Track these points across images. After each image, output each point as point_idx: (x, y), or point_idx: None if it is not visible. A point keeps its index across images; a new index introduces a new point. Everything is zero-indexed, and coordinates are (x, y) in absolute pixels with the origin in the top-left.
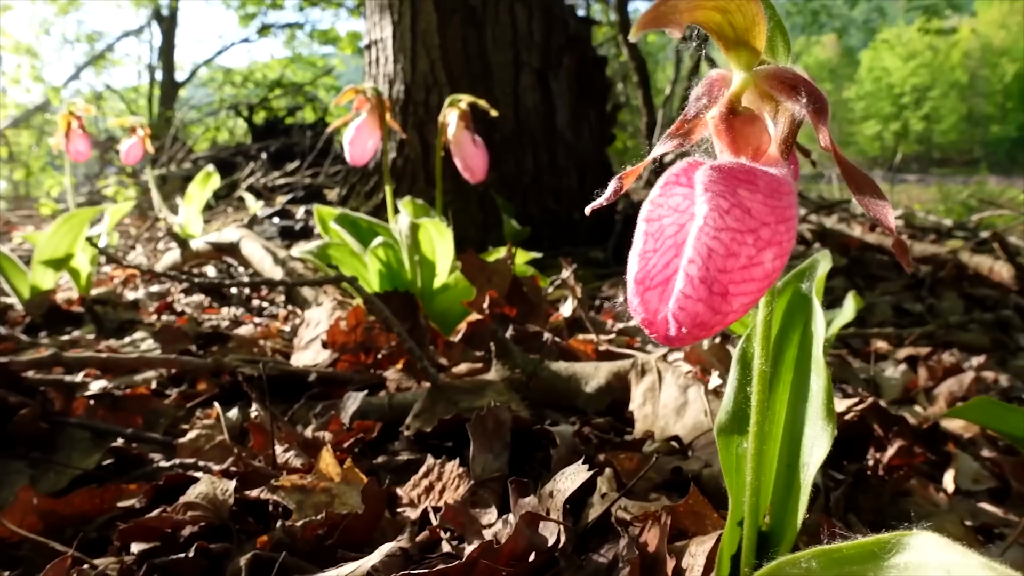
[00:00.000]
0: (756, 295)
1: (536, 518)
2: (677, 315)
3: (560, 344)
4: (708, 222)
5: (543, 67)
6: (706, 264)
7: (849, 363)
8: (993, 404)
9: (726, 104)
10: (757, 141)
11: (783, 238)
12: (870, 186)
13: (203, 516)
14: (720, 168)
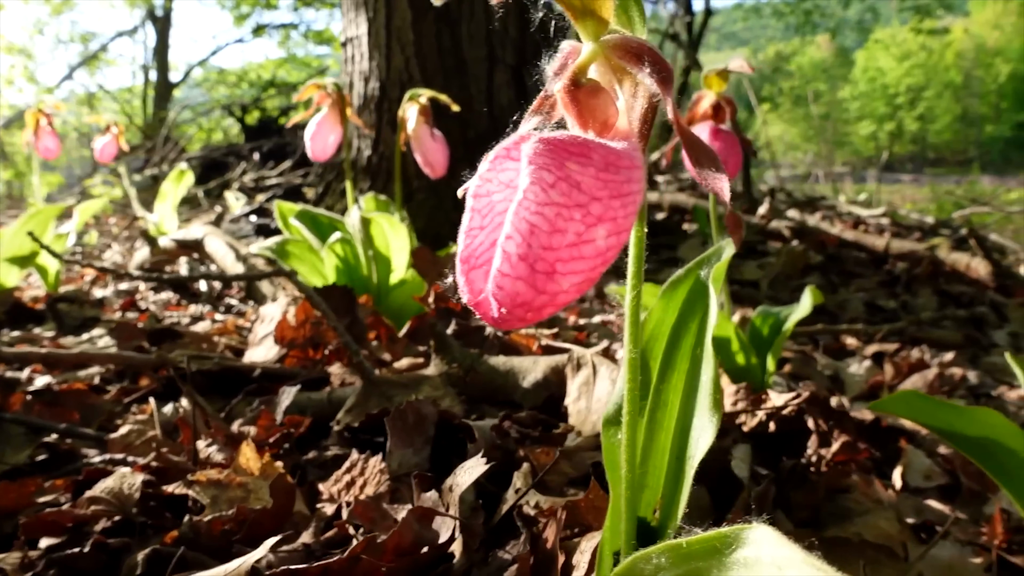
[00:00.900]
0: (590, 274)
1: (428, 513)
2: (496, 295)
3: (503, 338)
4: (529, 196)
5: (518, 63)
6: (527, 241)
7: (814, 359)
8: (919, 397)
9: (570, 76)
10: (604, 114)
11: (618, 214)
12: (710, 159)
13: (106, 511)
14: (548, 140)
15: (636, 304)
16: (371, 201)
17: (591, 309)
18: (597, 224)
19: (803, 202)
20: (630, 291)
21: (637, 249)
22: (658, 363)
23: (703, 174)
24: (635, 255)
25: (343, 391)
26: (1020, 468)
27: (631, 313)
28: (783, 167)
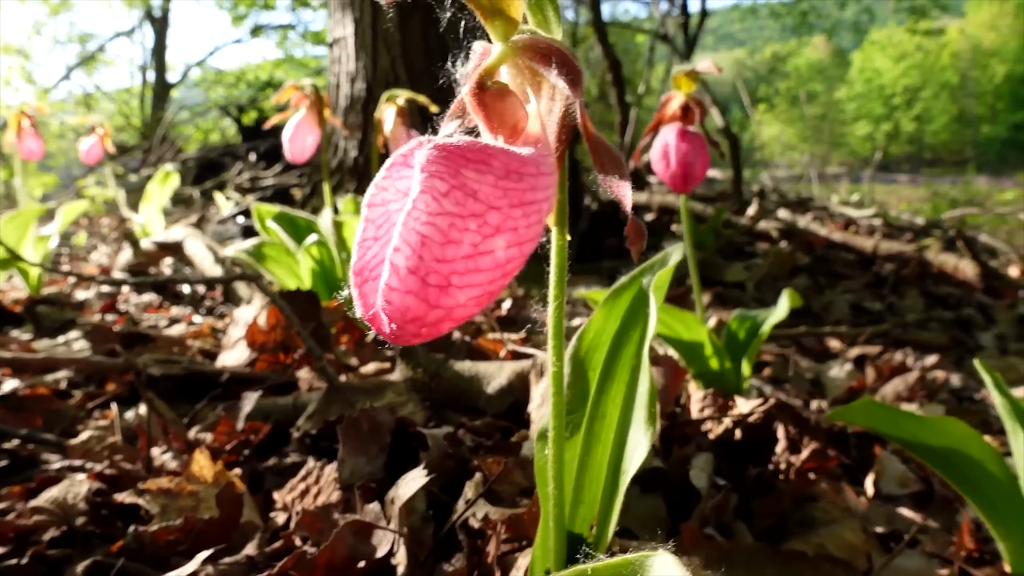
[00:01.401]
0: (490, 286)
1: (365, 527)
2: (386, 310)
3: (470, 343)
4: (419, 206)
5: None
6: (418, 253)
7: (796, 362)
8: (879, 407)
9: (476, 79)
10: (512, 118)
11: (519, 224)
12: (615, 165)
13: (50, 521)
14: (444, 147)
15: (559, 316)
16: (350, 203)
17: (572, 311)
18: (495, 235)
19: (795, 203)
20: (552, 302)
21: (559, 259)
22: (597, 374)
23: (608, 180)
24: (556, 264)
25: (309, 396)
26: (984, 479)
27: (554, 325)
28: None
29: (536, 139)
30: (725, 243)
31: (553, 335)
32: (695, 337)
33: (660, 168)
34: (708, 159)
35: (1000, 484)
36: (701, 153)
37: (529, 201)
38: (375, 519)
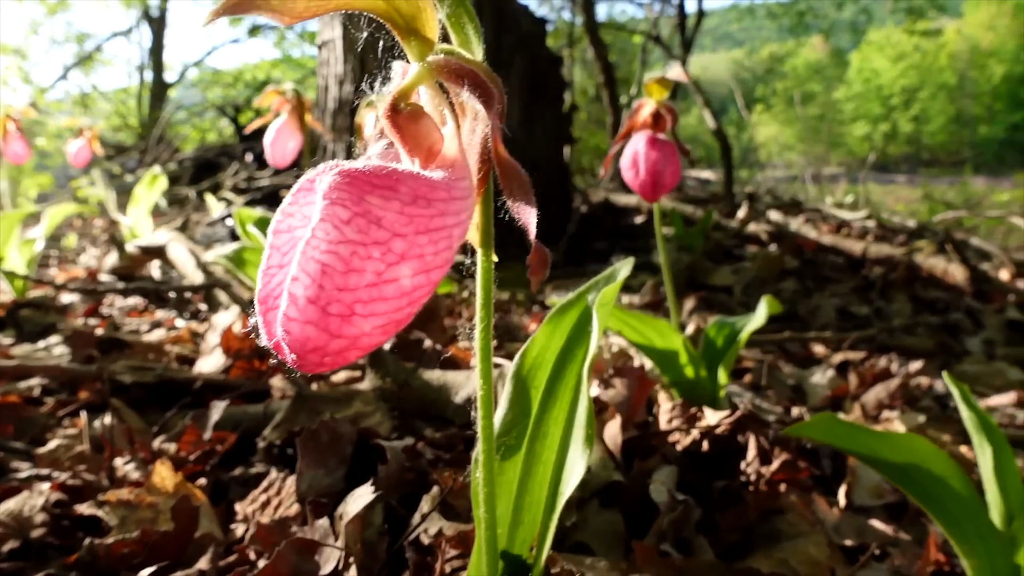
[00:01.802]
0: (396, 314)
1: (309, 544)
2: (285, 340)
3: (441, 352)
4: (318, 234)
5: (493, 66)
6: (319, 282)
7: (779, 368)
8: (836, 422)
9: (389, 100)
10: (427, 141)
11: (426, 251)
12: (524, 192)
13: (4, 534)
14: (348, 173)
15: (486, 339)
16: None
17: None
18: (400, 262)
19: (787, 204)
20: (479, 324)
21: (484, 279)
22: (540, 393)
23: (516, 206)
24: (482, 287)
25: (280, 404)
26: (947, 495)
27: (481, 348)
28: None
29: (452, 162)
30: (713, 246)
31: (480, 358)
32: (669, 345)
33: (630, 176)
34: (679, 167)
35: (963, 501)
36: (671, 161)
37: (437, 227)
38: (323, 535)
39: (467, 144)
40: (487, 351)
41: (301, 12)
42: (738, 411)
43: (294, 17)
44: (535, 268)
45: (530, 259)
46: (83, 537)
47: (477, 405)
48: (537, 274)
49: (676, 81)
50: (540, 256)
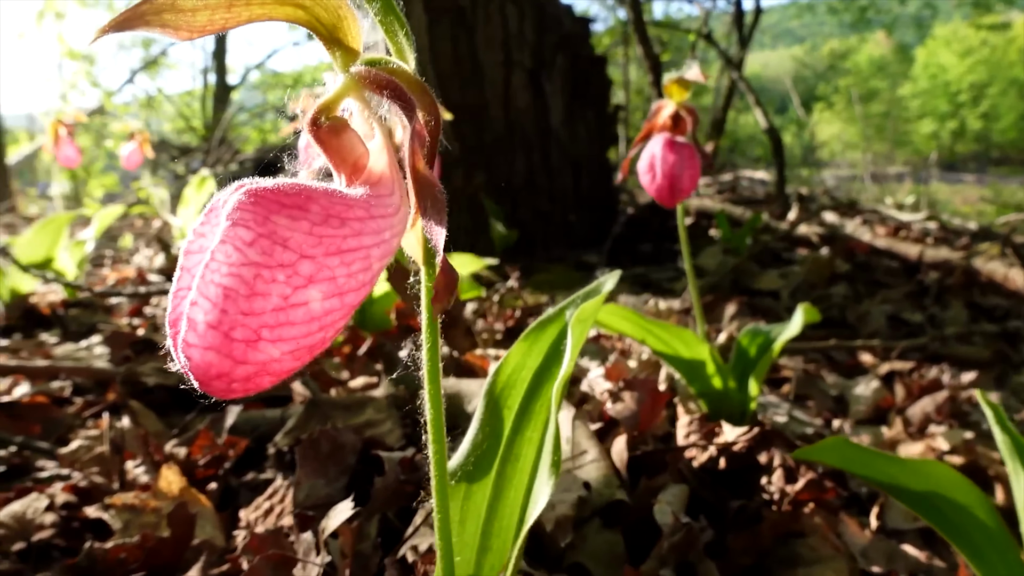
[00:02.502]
0: (308, 339)
1: (285, 559)
2: (188, 366)
3: (459, 360)
4: (218, 257)
5: (536, 67)
6: (220, 307)
7: (822, 377)
8: (849, 446)
9: (311, 113)
10: (351, 155)
11: (337, 273)
12: (437, 210)
13: (4, 536)
14: (255, 192)
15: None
16: None
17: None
18: (308, 286)
19: (843, 206)
20: (424, 343)
21: (428, 297)
22: (513, 413)
23: (427, 223)
24: (426, 304)
25: (297, 409)
26: (971, 525)
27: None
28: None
29: (379, 178)
30: (761, 249)
31: (428, 380)
32: (695, 355)
33: (646, 180)
34: (698, 171)
35: (990, 532)
36: (689, 164)
37: (351, 248)
38: (307, 549)
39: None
40: (435, 372)
41: (204, 27)
42: (758, 427)
43: (195, 32)
44: (439, 293)
45: (435, 282)
46: (90, 540)
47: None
48: (440, 300)
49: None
50: (447, 280)
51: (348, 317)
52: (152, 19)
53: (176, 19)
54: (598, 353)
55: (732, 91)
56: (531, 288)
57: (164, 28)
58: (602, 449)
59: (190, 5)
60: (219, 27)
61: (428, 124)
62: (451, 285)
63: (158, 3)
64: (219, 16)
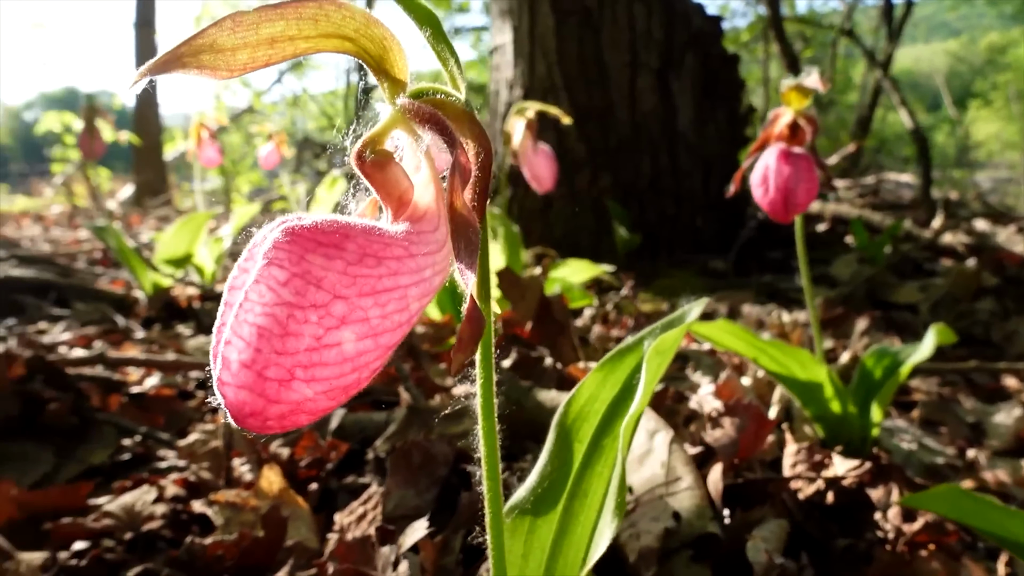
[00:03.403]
0: (341, 380)
1: (358, 574)
2: (223, 403)
3: (562, 372)
4: (251, 297)
5: (663, 67)
6: (254, 346)
7: (958, 402)
8: (963, 495)
9: (357, 148)
10: (396, 190)
11: (371, 315)
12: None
13: (115, 526)
14: (292, 230)
15: (487, 395)
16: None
17: None
18: (340, 327)
19: (997, 213)
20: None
21: (485, 349)
22: (584, 446)
23: (459, 267)
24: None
25: (399, 414)
26: None
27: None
28: (999, 167)
29: (424, 212)
30: (900, 259)
31: (482, 416)
32: (811, 376)
33: (759, 194)
34: (815, 184)
35: None
36: (806, 178)
37: (386, 288)
38: (384, 564)
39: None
40: (489, 409)
41: (245, 65)
42: (872, 461)
43: (235, 72)
44: (462, 343)
45: (460, 330)
46: (193, 534)
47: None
48: (463, 350)
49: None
50: (472, 329)
51: (385, 357)
52: (189, 61)
53: (214, 60)
54: (712, 368)
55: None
56: (652, 294)
57: (202, 70)
58: (699, 476)
59: (230, 44)
60: (262, 64)
61: (478, 157)
62: (476, 334)
63: (196, 44)
64: (261, 53)
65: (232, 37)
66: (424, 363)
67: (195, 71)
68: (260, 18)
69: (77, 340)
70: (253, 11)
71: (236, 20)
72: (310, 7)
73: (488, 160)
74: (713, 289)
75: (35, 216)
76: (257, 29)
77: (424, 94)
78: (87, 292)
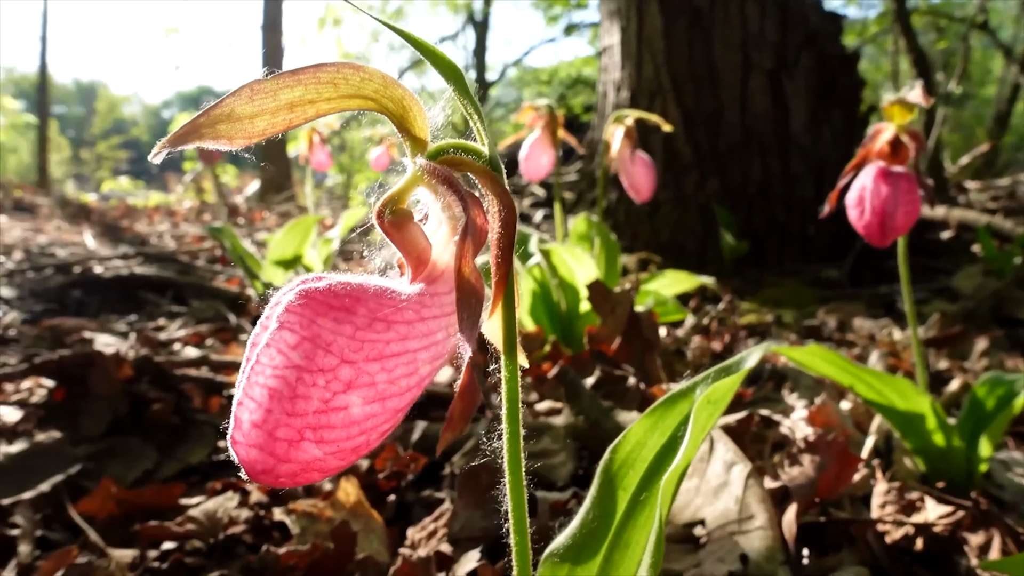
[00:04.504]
0: (349, 443)
1: None
2: (239, 460)
3: (645, 392)
4: (262, 360)
5: (776, 68)
6: (265, 407)
7: None
8: None
9: (378, 206)
10: (415, 249)
11: (377, 379)
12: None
13: (195, 531)
14: (307, 293)
15: (515, 450)
16: (582, 222)
17: None
18: (348, 391)
19: None
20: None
21: (510, 389)
22: (628, 495)
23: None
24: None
25: (480, 428)
26: None
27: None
28: None
29: (441, 273)
30: None
31: (509, 471)
32: (912, 407)
33: (854, 215)
34: (917, 206)
35: None
36: (906, 199)
37: (394, 353)
38: None
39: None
40: (517, 463)
41: (264, 131)
42: (968, 507)
43: (253, 137)
44: (452, 420)
45: (451, 407)
46: (278, 540)
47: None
48: (453, 428)
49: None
50: (465, 403)
51: (395, 419)
52: (207, 132)
53: (231, 128)
54: (811, 389)
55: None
56: (757, 304)
57: (218, 139)
58: (774, 515)
59: (248, 112)
60: (283, 127)
61: (500, 214)
62: (468, 411)
63: (214, 115)
64: (281, 118)
65: (250, 105)
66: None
67: (211, 141)
68: (278, 85)
69: (190, 337)
70: (271, 79)
71: (254, 89)
72: (328, 71)
73: (511, 217)
74: (824, 300)
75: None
76: (276, 96)
77: (444, 152)
78: (204, 290)
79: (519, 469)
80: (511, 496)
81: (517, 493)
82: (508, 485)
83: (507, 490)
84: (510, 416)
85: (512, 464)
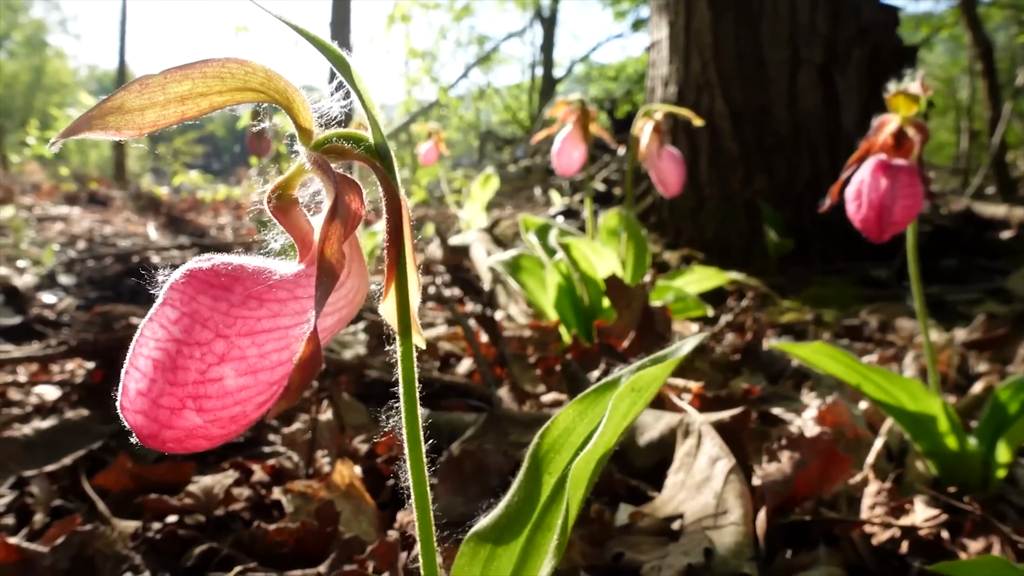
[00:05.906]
0: (228, 411)
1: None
2: (128, 425)
3: None
4: (146, 332)
5: (827, 62)
6: (151, 376)
7: None
8: (1006, 567)
9: (268, 192)
10: (299, 232)
11: (248, 353)
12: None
13: (192, 506)
14: (192, 272)
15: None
16: (613, 217)
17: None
18: (221, 363)
19: None
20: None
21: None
22: (554, 479)
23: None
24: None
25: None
26: None
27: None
28: None
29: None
30: None
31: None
32: (922, 408)
33: (851, 209)
34: (918, 201)
35: None
36: (905, 194)
37: (265, 329)
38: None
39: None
40: (416, 441)
41: (155, 123)
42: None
43: (144, 129)
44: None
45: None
46: (278, 517)
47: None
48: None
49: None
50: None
51: (270, 392)
52: (96, 123)
53: (120, 120)
54: (832, 389)
55: None
56: (799, 303)
57: (107, 130)
58: (749, 512)
59: (137, 105)
60: (174, 120)
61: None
62: (304, 381)
63: (105, 107)
64: (172, 111)
65: (140, 99)
66: (514, 369)
67: (101, 132)
68: (167, 80)
69: None
70: (160, 73)
71: (143, 83)
72: (213, 66)
73: (395, 203)
74: (868, 299)
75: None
76: (165, 90)
77: (328, 141)
78: None
79: (418, 447)
80: (412, 474)
81: (417, 471)
82: (410, 470)
83: (408, 467)
84: (407, 395)
85: (411, 442)
